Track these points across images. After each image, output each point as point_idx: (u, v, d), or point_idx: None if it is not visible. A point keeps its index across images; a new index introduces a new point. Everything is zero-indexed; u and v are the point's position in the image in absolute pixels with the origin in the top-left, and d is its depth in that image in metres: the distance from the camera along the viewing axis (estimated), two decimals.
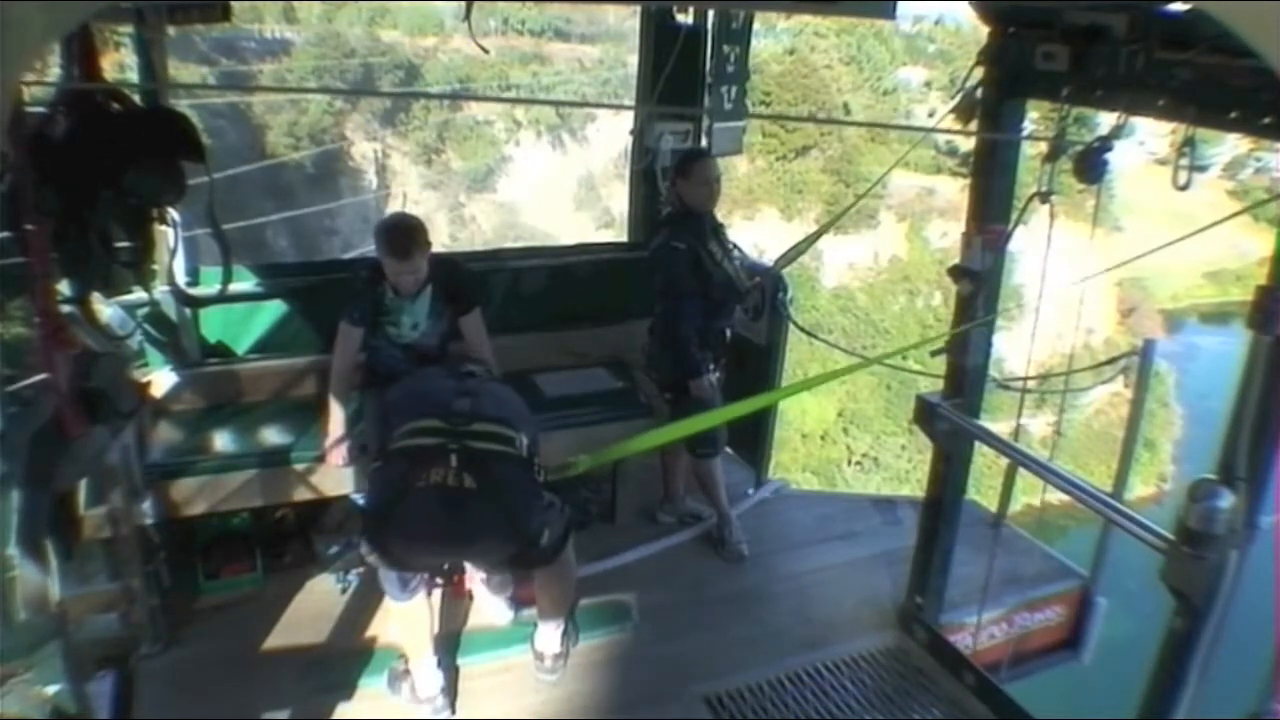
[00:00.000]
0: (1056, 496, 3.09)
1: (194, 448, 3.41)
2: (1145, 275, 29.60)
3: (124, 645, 2.45)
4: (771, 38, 31.63)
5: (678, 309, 3.63)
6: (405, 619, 2.89)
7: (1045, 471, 2.97)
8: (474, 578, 3.40)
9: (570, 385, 4.08)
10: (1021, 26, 2.72)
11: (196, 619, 3.29)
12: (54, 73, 2.73)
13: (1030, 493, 4.34)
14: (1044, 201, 2.73)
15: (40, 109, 2.36)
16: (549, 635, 3.08)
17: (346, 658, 3.14)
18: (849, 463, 24.71)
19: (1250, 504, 2.17)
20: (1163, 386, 25.25)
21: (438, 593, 3.02)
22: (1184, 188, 2.36)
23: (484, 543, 2.59)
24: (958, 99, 2.91)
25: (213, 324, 3.87)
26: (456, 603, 3.36)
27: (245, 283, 3.89)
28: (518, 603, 3.36)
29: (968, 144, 3.05)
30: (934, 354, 3.29)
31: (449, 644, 3.16)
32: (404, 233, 3.16)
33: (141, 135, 2.55)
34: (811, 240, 4.96)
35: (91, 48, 2.53)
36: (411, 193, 29.22)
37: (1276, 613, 1.58)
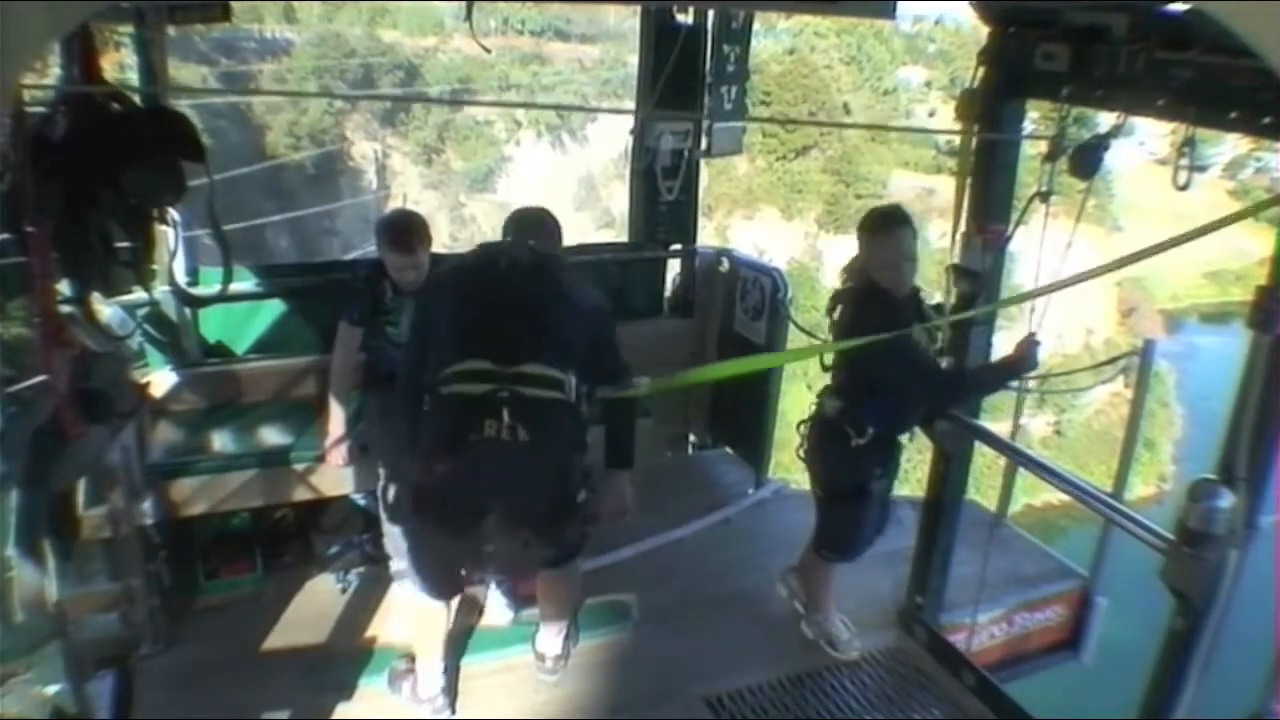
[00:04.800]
0: (1056, 496, 3.09)
1: (194, 448, 3.41)
2: (1145, 275, 29.61)
3: (124, 645, 2.46)
4: (771, 38, 31.68)
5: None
6: (418, 617, 2.87)
7: (1045, 471, 2.97)
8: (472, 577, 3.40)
9: None
10: (1021, 26, 2.72)
11: (196, 619, 3.29)
12: (54, 73, 2.73)
13: (1030, 493, 4.34)
14: (1044, 201, 2.73)
15: (40, 109, 2.36)
16: (551, 637, 3.07)
17: (346, 658, 3.13)
18: None
19: (1250, 504, 2.16)
20: (1163, 386, 25.24)
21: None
22: (1184, 188, 2.36)
23: (531, 499, 2.42)
24: (959, 99, 2.92)
25: (213, 324, 3.87)
26: (471, 600, 3.33)
27: (245, 283, 3.88)
28: (518, 602, 3.37)
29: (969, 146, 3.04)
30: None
31: (459, 644, 3.16)
32: (406, 228, 3.16)
33: (141, 135, 2.55)
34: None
35: (91, 48, 2.52)
36: (412, 193, 29.21)
37: (1276, 613, 1.58)
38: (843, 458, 3.05)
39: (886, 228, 2.92)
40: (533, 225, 2.73)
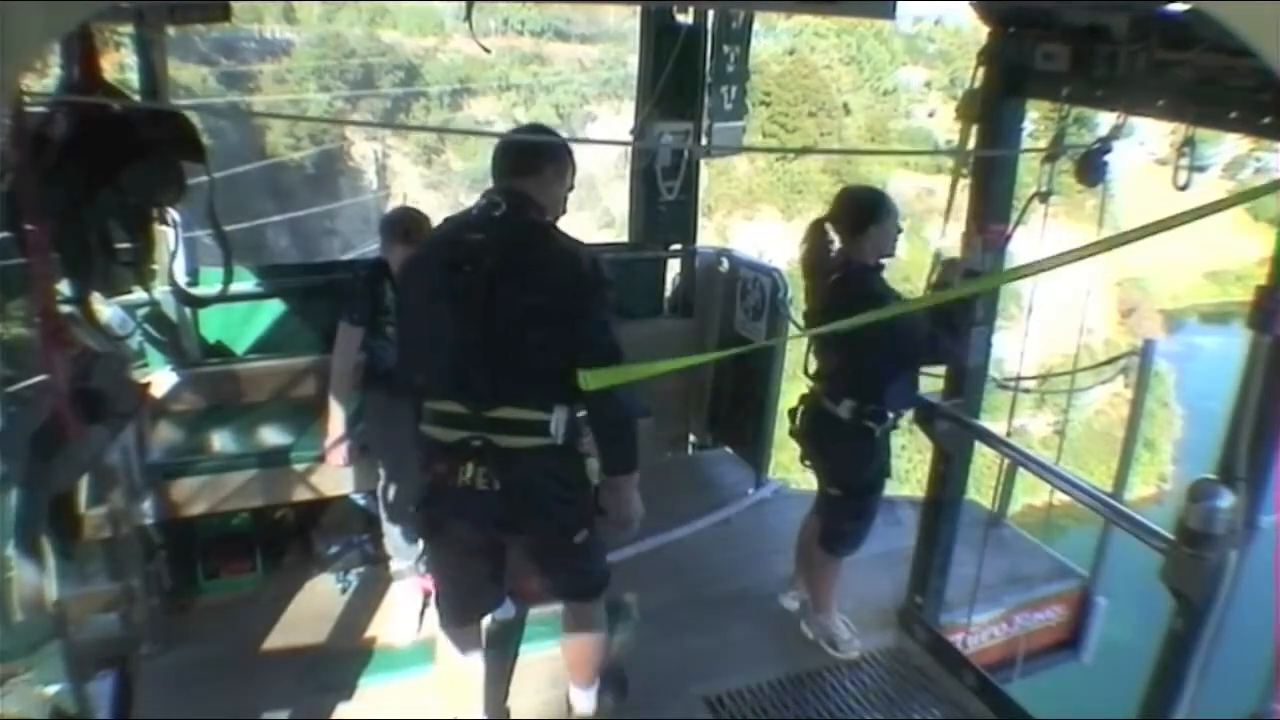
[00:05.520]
0: (1057, 496, 3.09)
1: (194, 448, 3.41)
2: (1145, 275, 29.59)
3: (124, 645, 2.45)
4: (771, 38, 31.63)
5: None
6: (448, 681, 2.67)
7: (1045, 471, 2.97)
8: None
9: None
10: (1021, 26, 2.72)
11: (196, 619, 3.29)
12: (54, 73, 2.73)
13: (1031, 493, 4.34)
14: (1044, 201, 2.73)
15: (40, 109, 2.36)
16: (582, 698, 2.82)
17: (346, 658, 3.13)
18: None
19: (1250, 504, 2.16)
20: (1163, 386, 25.22)
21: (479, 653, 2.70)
22: (1184, 188, 2.36)
23: (522, 541, 2.49)
24: (960, 100, 2.92)
25: (213, 324, 3.87)
26: (505, 654, 3.11)
27: (245, 283, 3.89)
28: (518, 601, 3.37)
29: (968, 146, 3.04)
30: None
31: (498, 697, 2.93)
32: (412, 219, 3.21)
33: (141, 135, 2.55)
34: None
35: (91, 48, 2.52)
36: (412, 193, 29.17)
37: (1276, 613, 1.58)
38: (869, 454, 3.09)
39: (888, 207, 3.00)
40: (523, 159, 2.30)
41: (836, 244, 3.04)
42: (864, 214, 2.98)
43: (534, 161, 2.30)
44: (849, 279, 2.97)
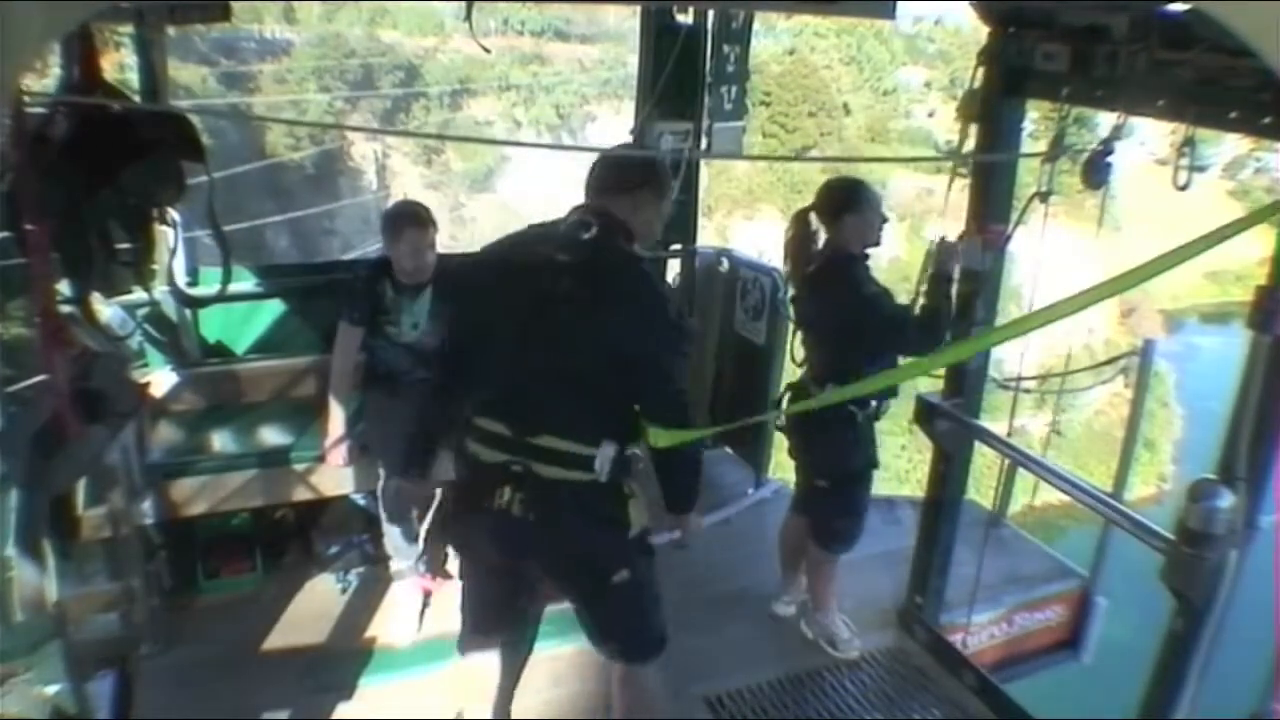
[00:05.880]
0: (1056, 496, 3.09)
1: (194, 448, 3.41)
2: None
3: (124, 645, 2.44)
4: (771, 38, 31.65)
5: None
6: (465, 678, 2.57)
7: (1045, 471, 2.97)
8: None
9: None
10: (1021, 26, 2.72)
11: (196, 619, 3.29)
12: (54, 73, 2.73)
13: (1030, 493, 4.34)
14: (1043, 201, 2.73)
15: (40, 109, 2.36)
16: None
17: (346, 658, 3.14)
18: None
19: (1250, 504, 2.16)
20: (1163, 386, 25.23)
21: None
22: (1184, 188, 2.36)
23: (550, 567, 2.33)
24: (961, 100, 2.92)
25: (213, 324, 3.87)
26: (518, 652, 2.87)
27: (245, 283, 3.89)
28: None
29: (968, 146, 3.05)
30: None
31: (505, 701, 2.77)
32: (418, 207, 3.24)
33: (141, 135, 2.55)
34: None
35: (91, 48, 2.52)
36: (412, 193, 29.12)
37: (1276, 613, 1.57)
38: (853, 440, 3.10)
39: (866, 197, 3.04)
40: (620, 176, 2.18)
41: (821, 233, 3.09)
42: (843, 203, 3.02)
43: (631, 180, 2.18)
44: (831, 267, 3.02)
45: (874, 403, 3.08)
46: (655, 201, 2.21)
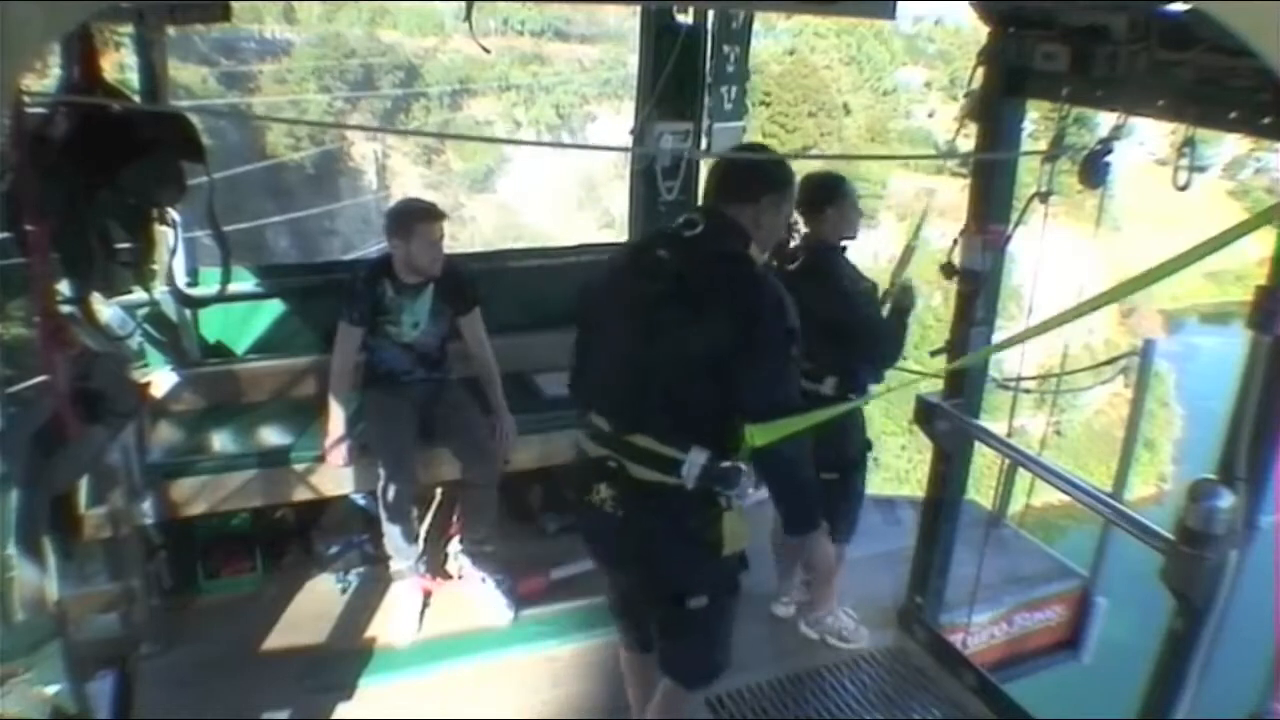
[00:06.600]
0: (1057, 496, 3.09)
1: (194, 448, 3.41)
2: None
3: (124, 645, 2.45)
4: (771, 38, 31.66)
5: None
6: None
7: (1045, 471, 2.97)
8: (472, 577, 3.40)
9: None
10: (1021, 26, 2.72)
11: (196, 619, 3.29)
12: (54, 73, 2.73)
13: (1030, 493, 4.34)
14: (1043, 201, 2.73)
15: (40, 109, 2.36)
16: None
17: (346, 658, 3.13)
18: None
19: (1250, 504, 2.16)
20: (1163, 386, 25.23)
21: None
22: (1184, 188, 2.36)
23: (632, 575, 2.33)
24: (962, 102, 2.93)
25: (213, 324, 3.86)
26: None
27: (245, 283, 3.88)
28: (518, 602, 3.37)
29: (968, 146, 3.05)
30: (933, 353, 3.30)
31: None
32: (425, 203, 3.26)
33: (141, 135, 2.55)
34: None
35: (91, 48, 2.52)
36: (412, 193, 29.17)
37: (1276, 613, 1.58)
38: (850, 426, 3.18)
39: (844, 190, 3.14)
40: (734, 180, 2.17)
41: (801, 226, 3.16)
42: (821, 196, 3.10)
43: (746, 185, 2.15)
44: (813, 259, 3.09)
45: (871, 387, 3.21)
46: (774, 208, 2.18)
